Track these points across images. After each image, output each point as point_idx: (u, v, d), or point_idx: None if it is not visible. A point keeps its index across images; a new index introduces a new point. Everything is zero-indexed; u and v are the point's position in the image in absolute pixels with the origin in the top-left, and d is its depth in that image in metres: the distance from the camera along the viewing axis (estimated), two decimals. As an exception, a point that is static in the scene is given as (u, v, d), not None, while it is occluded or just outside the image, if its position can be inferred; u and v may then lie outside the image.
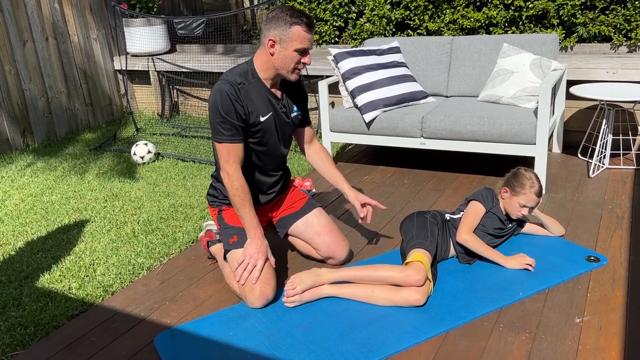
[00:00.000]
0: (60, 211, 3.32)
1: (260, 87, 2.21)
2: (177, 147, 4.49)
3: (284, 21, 2.08)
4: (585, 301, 2.12)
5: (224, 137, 2.15)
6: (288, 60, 2.13)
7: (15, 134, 4.71)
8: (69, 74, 5.12)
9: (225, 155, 2.17)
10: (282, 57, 2.13)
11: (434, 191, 3.32)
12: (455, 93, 3.81)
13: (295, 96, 2.38)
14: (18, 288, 2.46)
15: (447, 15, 4.40)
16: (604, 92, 3.32)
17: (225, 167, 2.18)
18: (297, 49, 2.11)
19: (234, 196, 2.18)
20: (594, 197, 3.07)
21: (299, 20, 2.08)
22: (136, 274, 2.53)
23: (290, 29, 2.08)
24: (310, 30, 2.11)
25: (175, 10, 6.19)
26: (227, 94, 2.12)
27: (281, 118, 2.30)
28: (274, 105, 2.26)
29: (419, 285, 2.11)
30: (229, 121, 2.13)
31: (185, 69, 5.18)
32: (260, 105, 2.21)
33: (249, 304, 2.17)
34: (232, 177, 2.17)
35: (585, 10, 4.05)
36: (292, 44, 2.10)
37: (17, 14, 4.64)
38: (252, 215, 2.21)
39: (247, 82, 2.18)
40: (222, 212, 2.39)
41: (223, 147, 2.17)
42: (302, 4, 4.94)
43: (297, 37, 2.09)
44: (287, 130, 2.36)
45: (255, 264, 2.16)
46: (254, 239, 2.20)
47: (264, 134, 2.26)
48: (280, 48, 2.12)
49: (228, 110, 2.12)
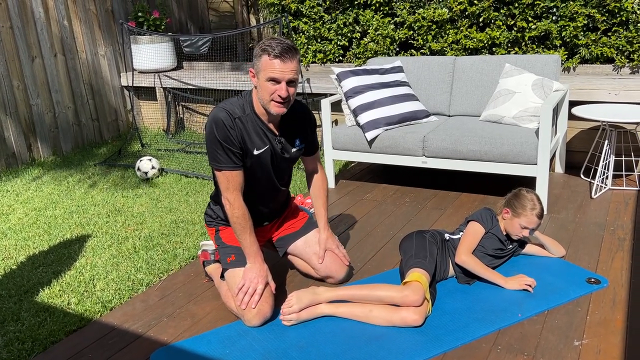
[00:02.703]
0: (63, 226, 3.34)
1: (256, 121, 2.19)
2: (181, 163, 4.52)
3: (258, 53, 2.07)
4: (585, 324, 2.11)
5: (223, 165, 2.14)
6: (264, 90, 2.09)
7: (22, 148, 4.76)
8: (77, 89, 5.19)
9: (225, 183, 2.16)
10: (260, 88, 2.10)
11: (435, 210, 3.31)
12: (457, 112, 3.82)
13: (297, 129, 2.31)
14: (17, 302, 2.47)
15: (450, 35, 4.44)
16: (606, 113, 3.32)
17: (226, 195, 2.16)
18: (268, 78, 2.06)
19: (234, 223, 2.18)
20: (595, 218, 3.06)
21: (269, 49, 2.03)
22: (135, 290, 2.54)
23: (260, 59, 2.06)
24: (278, 58, 2.03)
25: (183, 28, 6.28)
26: (223, 121, 2.11)
27: (277, 154, 2.26)
28: (270, 140, 2.22)
29: (417, 306, 2.10)
30: (227, 148, 2.12)
31: (191, 85, 5.24)
32: (255, 138, 2.19)
33: (246, 322, 2.16)
34: (234, 205, 2.16)
35: (587, 32, 4.08)
36: (264, 74, 2.06)
37: (27, 30, 4.72)
38: (252, 241, 2.20)
39: (244, 115, 2.17)
40: (219, 231, 2.40)
41: (222, 175, 2.15)
42: (307, 23, 5.00)
43: (265, 66, 2.05)
44: (284, 165, 2.33)
45: (255, 287, 2.16)
46: (254, 264, 2.20)
47: (256, 167, 2.23)
48: (257, 80, 2.11)
49: (225, 138, 2.11)
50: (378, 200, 3.54)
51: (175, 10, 6.17)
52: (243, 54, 6.03)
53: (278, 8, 5.13)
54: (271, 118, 2.21)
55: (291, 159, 2.34)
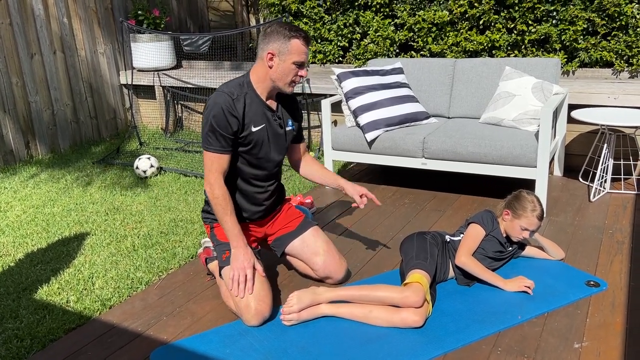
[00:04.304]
0: (61, 223, 3.33)
1: (255, 99, 2.26)
2: (179, 162, 4.51)
3: (283, 35, 2.16)
4: (585, 326, 2.11)
5: (211, 147, 2.20)
6: (286, 72, 2.20)
7: (20, 146, 4.74)
8: (75, 87, 5.17)
9: (209, 164, 2.21)
10: (280, 69, 2.19)
11: (435, 211, 3.32)
12: (457, 114, 3.83)
13: (290, 111, 2.43)
14: (16, 300, 2.46)
15: (450, 37, 4.45)
16: (605, 116, 3.34)
17: (208, 176, 2.21)
18: (295, 61, 2.18)
19: (215, 205, 2.20)
20: (594, 221, 3.07)
21: (298, 35, 2.16)
22: (135, 289, 2.53)
23: (289, 42, 2.16)
24: (307, 45, 2.20)
25: (182, 27, 6.27)
26: (222, 106, 2.16)
27: (274, 129, 2.34)
28: (268, 117, 2.30)
29: (417, 307, 2.10)
30: (220, 133, 2.17)
31: (190, 84, 5.23)
32: (254, 115, 2.25)
33: (246, 321, 2.16)
34: (213, 185, 2.20)
35: (587, 36, 4.09)
36: (291, 57, 2.17)
37: (27, 27, 4.70)
38: (233, 223, 2.22)
39: (243, 93, 2.23)
40: (214, 228, 2.41)
41: (208, 156, 2.21)
42: (308, 24, 5.00)
43: (296, 50, 2.16)
44: (280, 141, 2.39)
45: (245, 274, 2.17)
46: (237, 247, 2.21)
47: (255, 143, 2.29)
48: (278, 61, 2.18)
49: (220, 122, 2.16)
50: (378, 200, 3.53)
51: (175, 9, 6.16)
52: (242, 53, 6.02)
53: (278, 8, 5.13)
54: (268, 96, 2.30)
55: (286, 137, 2.41)
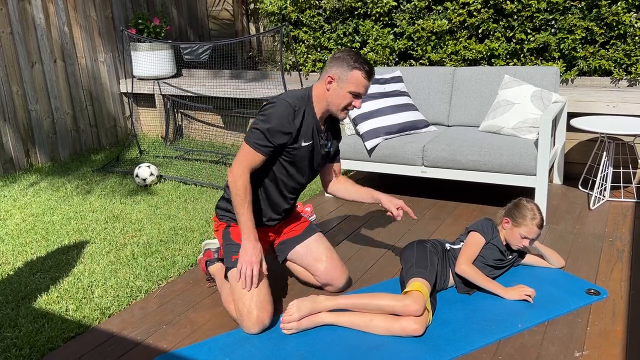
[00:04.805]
0: (60, 232, 3.32)
1: (311, 114, 2.29)
2: (179, 170, 4.51)
3: (347, 63, 2.20)
4: (585, 335, 2.11)
5: (254, 143, 2.19)
6: (340, 99, 2.23)
7: (20, 154, 4.75)
8: (75, 95, 5.19)
9: (242, 156, 2.20)
10: (335, 95, 2.23)
11: (435, 220, 3.32)
12: (457, 123, 3.84)
13: (333, 133, 2.46)
14: (15, 308, 2.45)
15: (449, 46, 4.47)
16: (604, 125, 3.35)
17: (236, 167, 2.20)
18: (351, 91, 2.21)
19: (235, 195, 2.19)
20: (594, 229, 3.07)
21: (361, 67, 2.19)
22: (134, 297, 2.52)
23: (350, 72, 2.19)
24: (368, 78, 2.22)
25: (183, 35, 6.30)
26: (283, 113, 2.18)
27: (318, 149, 2.36)
28: (316, 136, 2.33)
29: (417, 315, 2.10)
30: (269, 134, 2.17)
31: (190, 93, 5.24)
32: (307, 130, 2.28)
33: (245, 329, 2.16)
34: (238, 177, 2.19)
35: (585, 45, 4.11)
36: (348, 86, 2.20)
37: (27, 36, 4.72)
38: (249, 216, 2.21)
39: (303, 106, 2.26)
40: (230, 227, 2.39)
41: (246, 149, 2.20)
42: (307, 33, 5.03)
43: (355, 80, 2.20)
44: (320, 160, 2.42)
45: (252, 268, 2.15)
46: (248, 240, 2.19)
47: (299, 157, 2.31)
48: (336, 86, 2.22)
49: (274, 126, 2.17)
50: (377, 209, 3.54)
51: (176, 18, 6.19)
52: (242, 62, 6.05)
53: (278, 17, 5.16)
54: (322, 116, 2.33)
55: (324, 158, 2.44)
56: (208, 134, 5.46)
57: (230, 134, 5.29)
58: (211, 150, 5.06)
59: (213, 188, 4.08)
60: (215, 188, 4.07)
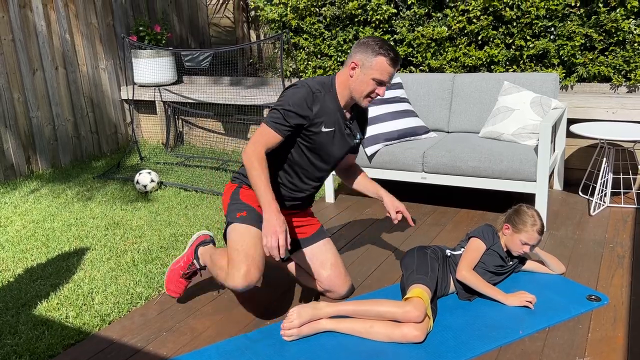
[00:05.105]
0: (61, 238, 3.32)
1: (334, 101, 2.24)
2: (180, 177, 4.52)
3: (372, 49, 2.14)
4: (586, 341, 2.10)
5: (270, 122, 2.14)
6: (364, 85, 2.18)
7: (21, 161, 4.76)
8: (76, 102, 5.20)
9: (259, 136, 2.14)
10: (359, 81, 2.18)
11: (435, 226, 3.32)
12: (457, 129, 3.85)
13: (360, 123, 2.41)
14: (15, 315, 2.45)
15: (449, 53, 4.48)
16: (604, 131, 3.35)
17: (249, 146, 2.13)
18: (375, 78, 2.16)
19: (251, 169, 2.09)
20: (594, 235, 3.07)
21: (386, 53, 2.13)
22: (134, 304, 2.52)
23: (374, 58, 2.14)
24: (393, 65, 2.16)
25: (183, 43, 6.32)
26: (303, 94, 2.15)
27: (343, 137, 2.31)
28: (340, 123, 2.28)
29: (418, 322, 2.09)
30: (285, 115, 2.13)
31: (191, 100, 5.26)
32: (327, 116, 2.23)
33: (231, 280, 2.07)
34: (250, 154, 2.10)
35: (585, 51, 4.12)
36: (372, 72, 2.15)
37: (29, 43, 4.74)
38: (267, 188, 2.08)
39: (324, 92, 2.22)
40: (241, 188, 2.34)
41: (264, 129, 2.15)
42: (308, 40, 5.05)
43: (379, 67, 2.14)
44: (343, 150, 2.36)
45: (277, 239, 2.00)
46: (270, 212, 2.03)
47: (320, 144, 2.26)
48: (360, 72, 2.17)
49: (292, 108, 2.13)
50: (377, 215, 3.54)
51: (177, 25, 6.22)
52: (243, 69, 6.06)
53: (279, 24, 5.18)
54: (347, 104, 2.27)
55: (350, 147, 2.38)
56: (209, 141, 5.47)
57: (231, 140, 5.30)
58: (212, 156, 5.06)
59: (214, 194, 4.08)
60: (216, 194, 4.07)
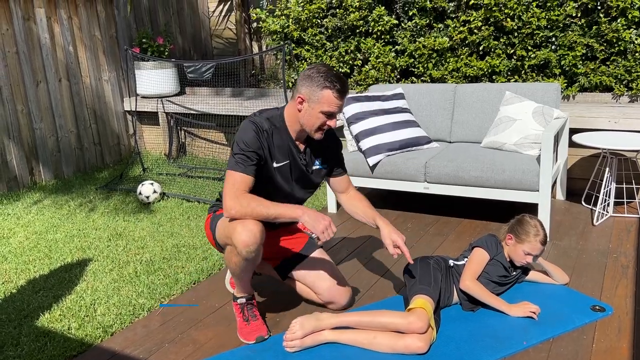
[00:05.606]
0: (63, 249, 3.32)
1: (284, 136, 2.23)
2: (182, 187, 4.52)
3: (317, 82, 2.10)
4: (591, 352, 2.09)
5: (237, 167, 2.12)
6: (313, 119, 2.15)
7: (24, 172, 4.77)
8: (80, 114, 5.23)
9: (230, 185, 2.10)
10: (307, 115, 2.15)
11: (438, 236, 3.31)
12: (459, 139, 3.85)
13: (321, 150, 2.37)
14: (17, 327, 2.44)
15: (450, 63, 4.50)
16: (606, 140, 3.35)
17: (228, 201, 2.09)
18: (323, 111, 2.12)
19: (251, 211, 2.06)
20: (598, 245, 3.05)
21: (331, 85, 2.09)
22: (137, 315, 2.51)
23: (321, 92, 2.10)
24: (341, 97, 2.12)
25: (186, 54, 6.36)
26: (254, 134, 2.14)
27: (299, 169, 2.30)
28: (294, 155, 2.27)
29: (421, 332, 2.08)
30: (248, 155, 2.12)
31: (193, 111, 5.28)
32: (278, 152, 2.22)
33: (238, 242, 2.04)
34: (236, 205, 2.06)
35: (586, 61, 4.14)
36: (320, 106, 2.12)
37: (33, 55, 4.78)
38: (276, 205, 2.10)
39: (273, 128, 2.20)
40: (216, 212, 2.34)
41: (232, 177, 2.12)
42: (310, 51, 5.07)
43: (326, 100, 2.11)
44: (305, 180, 2.35)
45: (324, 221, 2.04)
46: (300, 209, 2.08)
47: (276, 179, 2.26)
48: (307, 107, 2.14)
49: (250, 145, 2.13)
50: (380, 225, 3.53)
51: (179, 37, 6.26)
52: (245, 80, 6.09)
53: (281, 36, 5.21)
54: (299, 136, 2.26)
55: (313, 177, 2.36)
56: (211, 151, 5.48)
57: (233, 151, 5.30)
58: (214, 167, 5.07)
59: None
60: (218, 205, 4.07)
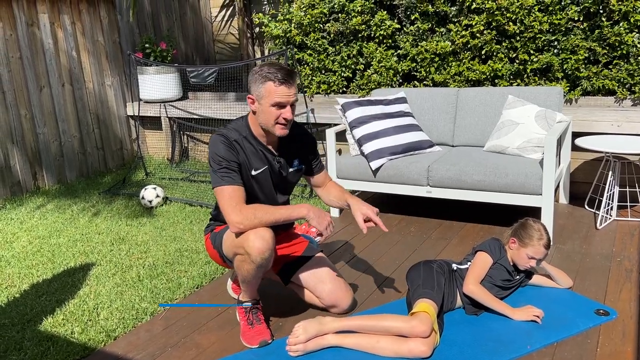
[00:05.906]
0: (66, 254, 3.33)
1: (254, 142, 2.25)
2: (185, 192, 4.53)
3: (259, 79, 2.12)
4: (595, 356, 2.08)
5: (223, 182, 2.13)
6: (267, 115, 2.15)
7: (27, 177, 4.78)
8: (83, 119, 5.24)
9: (227, 200, 2.10)
10: (261, 113, 2.16)
11: (441, 240, 3.30)
12: (461, 143, 3.85)
13: (295, 150, 2.37)
14: (20, 331, 2.44)
15: (452, 67, 4.50)
16: (609, 144, 3.35)
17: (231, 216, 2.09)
18: (272, 103, 2.12)
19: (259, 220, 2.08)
20: (601, 249, 3.05)
21: (272, 76, 2.10)
22: (139, 319, 2.51)
23: (263, 85, 2.12)
24: (284, 84, 2.10)
25: (189, 59, 6.38)
26: (226, 146, 2.16)
27: (276, 173, 2.32)
28: (269, 160, 2.28)
29: (424, 337, 2.08)
30: (228, 166, 2.14)
31: (196, 115, 5.29)
32: (253, 159, 2.24)
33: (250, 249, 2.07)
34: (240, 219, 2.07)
35: (588, 65, 4.14)
36: (267, 100, 2.12)
37: (36, 61, 4.80)
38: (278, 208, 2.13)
39: (241, 137, 2.22)
40: (214, 230, 2.38)
41: (222, 192, 2.12)
42: (312, 55, 5.08)
43: (270, 92, 2.11)
44: (284, 183, 2.38)
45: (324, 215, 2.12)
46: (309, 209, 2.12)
47: (258, 186, 2.28)
48: (258, 105, 2.16)
49: (226, 157, 2.15)
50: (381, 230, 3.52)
51: (182, 42, 6.28)
52: (248, 84, 6.10)
53: (283, 40, 5.22)
54: (270, 139, 2.27)
55: (290, 178, 2.39)
56: (213, 156, 5.48)
57: (236, 155, 5.31)
58: (217, 171, 5.07)
59: (218, 209, 4.08)
60: (221, 209, 4.07)
